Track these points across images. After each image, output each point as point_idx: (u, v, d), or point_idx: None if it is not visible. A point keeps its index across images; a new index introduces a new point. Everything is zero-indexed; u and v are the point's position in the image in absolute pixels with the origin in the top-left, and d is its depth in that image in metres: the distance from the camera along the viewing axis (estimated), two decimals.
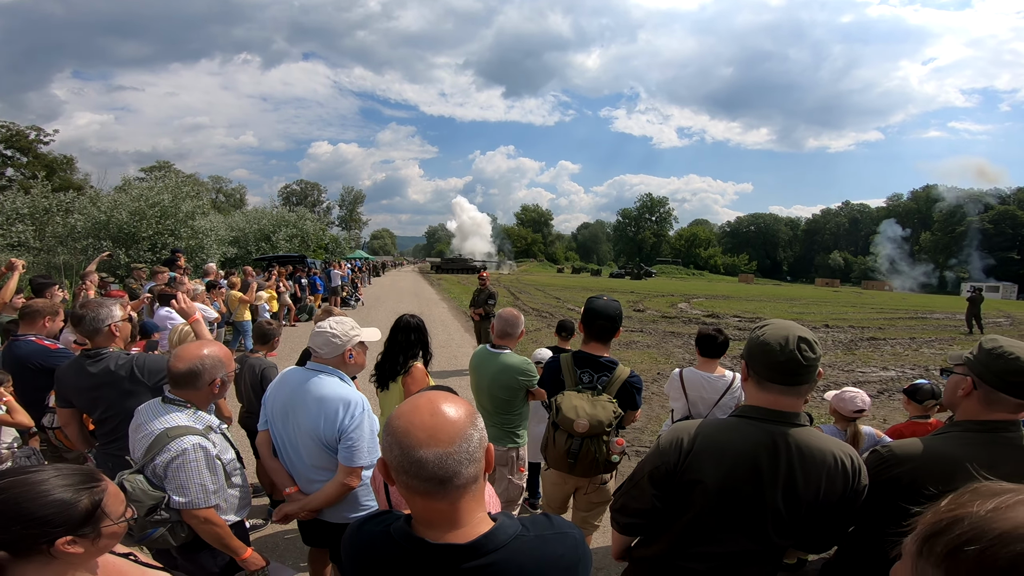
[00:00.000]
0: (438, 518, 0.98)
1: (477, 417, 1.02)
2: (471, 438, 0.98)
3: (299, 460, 2.31)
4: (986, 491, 0.71)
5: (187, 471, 1.92)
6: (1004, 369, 1.46)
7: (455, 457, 0.94)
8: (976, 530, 0.65)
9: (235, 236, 27.26)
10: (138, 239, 17.33)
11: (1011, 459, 1.45)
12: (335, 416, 2.18)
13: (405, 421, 0.97)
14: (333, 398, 2.21)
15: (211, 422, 2.11)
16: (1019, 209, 70.73)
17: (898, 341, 13.77)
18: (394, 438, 0.97)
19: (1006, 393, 1.48)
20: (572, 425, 2.46)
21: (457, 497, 0.97)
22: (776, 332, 1.52)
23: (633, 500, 1.68)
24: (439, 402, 1.00)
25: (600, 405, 2.53)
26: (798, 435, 1.50)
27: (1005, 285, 56.74)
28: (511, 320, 3.22)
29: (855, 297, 37.68)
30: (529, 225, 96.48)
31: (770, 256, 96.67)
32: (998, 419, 1.50)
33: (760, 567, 1.58)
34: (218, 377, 2.10)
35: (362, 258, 38.55)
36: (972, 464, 1.45)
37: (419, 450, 0.93)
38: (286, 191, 79.08)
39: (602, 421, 2.47)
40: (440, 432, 0.95)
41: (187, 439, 1.94)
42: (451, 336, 12.38)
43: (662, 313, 19.08)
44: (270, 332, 3.94)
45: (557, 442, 2.52)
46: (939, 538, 0.69)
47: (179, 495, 1.92)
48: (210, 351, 2.11)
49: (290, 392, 2.30)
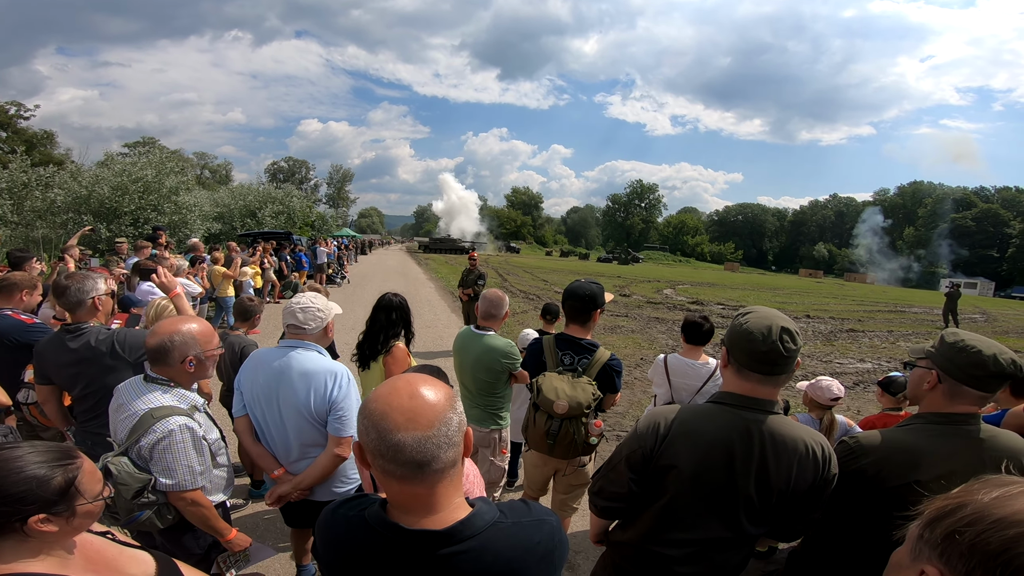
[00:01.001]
0: (415, 503, 0.97)
1: (456, 400, 1.01)
2: (450, 422, 0.96)
3: (284, 440, 2.30)
4: (995, 482, 0.73)
5: (174, 453, 1.88)
6: (967, 362, 1.49)
7: (434, 441, 0.93)
8: (975, 515, 0.67)
9: (220, 212, 26.84)
10: (120, 214, 17.06)
11: (968, 450, 1.50)
12: (324, 388, 2.19)
13: (383, 404, 0.95)
14: (320, 371, 2.22)
15: (195, 401, 2.08)
16: (1002, 208, 71.94)
17: (876, 334, 14.04)
18: (371, 421, 0.94)
19: (969, 386, 1.51)
20: (552, 406, 2.48)
21: (435, 482, 0.96)
22: (759, 321, 1.53)
23: (610, 484, 1.69)
24: (418, 385, 0.97)
25: (580, 387, 2.54)
26: (772, 423, 1.52)
27: (982, 282, 57.91)
28: (495, 301, 3.21)
29: (837, 289, 38.25)
30: (519, 208, 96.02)
31: (756, 246, 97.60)
32: (960, 412, 1.54)
33: (733, 554, 1.60)
34: (191, 355, 2.02)
35: (349, 236, 38.14)
36: (929, 456, 1.50)
37: (397, 433, 0.91)
38: (273, 168, 77.93)
39: (581, 403, 2.49)
40: (419, 415, 0.93)
41: (173, 420, 1.90)
42: (437, 316, 12.36)
43: (647, 299, 19.21)
44: (251, 309, 3.88)
45: (537, 423, 2.54)
46: (940, 522, 0.71)
47: (166, 477, 1.88)
48: (186, 327, 2.05)
49: (271, 372, 2.29)
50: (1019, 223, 67.23)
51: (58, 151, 42.12)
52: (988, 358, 1.46)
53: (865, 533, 1.62)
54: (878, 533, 1.60)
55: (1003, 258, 67.76)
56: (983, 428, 1.54)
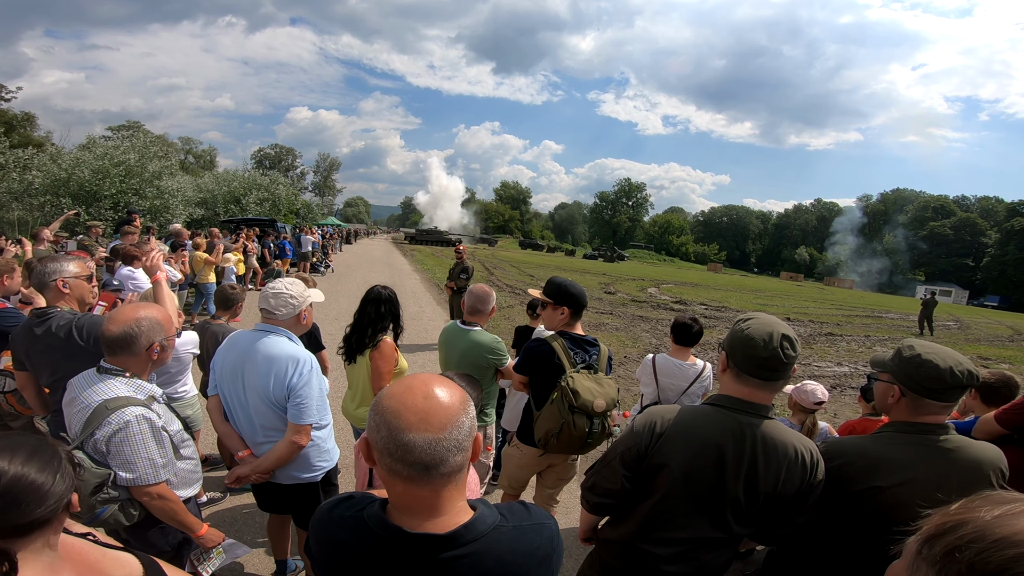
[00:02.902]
0: (418, 505, 0.95)
1: (470, 404, 0.99)
2: (462, 425, 0.94)
3: (248, 422, 2.31)
4: (997, 498, 0.71)
5: (132, 445, 1.79)
6: (925, 377, 1.52)
7: (444, 444, 0.91)
8: (976, 534, 0.66)
9: (203, 197, 26.50)
10: (100, 197, 16.81)
11: (929, 459, 1.54)
12: (284, 374, 2.19)
13: (397, 402, 0.93)
14: (282, 357, 2.22)
15: (153, 391, 1.99)
16: (979, 218, 73.65)
17: (853, 338, 14.29)
18: (383, 418, 0.92)
19: (930, 399, 1.55)
20: (592, 406, 2.47)
21: (441, 485, 0.94)
22: (761, 328, 1.55)
23: (604, 479, 1.71)
24: (434, 385, 0.96)
25: (606, 383, 2.59)
26: (766, 427, 1.55)
27: (956, 290, 59.32)
28: (482, 296, 3.17)
29: (817, 292, 38.93)
30: (508, 202, 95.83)
31: (739, 247, 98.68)
32: (926, 422, 1.58)
33: (719, 553, 1.62)
34: (156, 341, 1.95)
35: (334, 225, 37.78)
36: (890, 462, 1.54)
37: (408, 433, 0.90)
38: (260, 155, 76.59)
39: (613, 398, 2.56)
40: (432, 417, 0.91)
41: (129, 411, 1.81)
42: (422, 308, 12.27)
43: (632, 297, 19.34)
44: (233, 297, 3.80)
45: (578, 425, 2.47)
46: (939, 539, 0.70)
47: (125, 471, 1.80)
48: (147, 313, 1.97)
49: (239, 354, 2.29)
50: (995, 233, 68.87)
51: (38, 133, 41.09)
52: (945, 371, 1.50)
53: (830, 535, 1.66)
54: (843, 535, 1.65)
55: (978, 267, 69.42)
56: (952, 439, 1.57)
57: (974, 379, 1.51)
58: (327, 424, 2.49)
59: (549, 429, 2.53)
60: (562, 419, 2.49)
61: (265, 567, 3.03)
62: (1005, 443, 2.30)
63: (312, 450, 2.38)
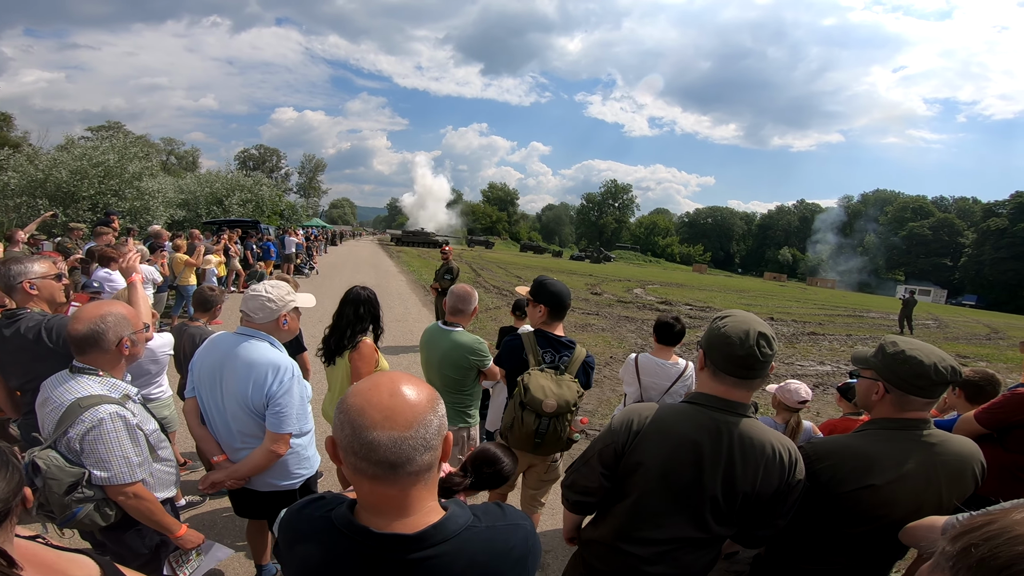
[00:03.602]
0: (386, 504, 0.94)
1: (439, 403, 0.97)
2: (430, 424, 0.92)
3: (226, 427, 2.25)
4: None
5: (106, 443, 1.76)
6: (910, 373, 1.52)
7: (410, 442, 0.89)
8: (997, 531, 0.65)
9: (184, 199, 26.08)
10: (78, 198, 16.50)
11: (917, 456, 1.54)
12: (264, 381, 2.13)
13: (362, 399, 0.91)
14: (263, 363, 2.16)
15: (128, 390, 1.97)
16: (957, 218, 75.28)
17: (836, 337, 14.49)
18: (347, 416, 0.91)
19: (915, 396, 1.55)
20: (541, 405, 2.47)
21: (408, 484, 0.92)
22: (737, 326, 1.54)
23: (583, 477, 1.70)
24: (400, 383, 0.94)
25: (565, 385, 2.57)
26: (743, 425, 1.53)
27: (935, 289, 60.48)
28: (463, 296, 3.15)
29: (800, 292, 39.45)
30: (495, 203, 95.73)
31: (724, 248, 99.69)
32: (911, 418, 1.58)
33: (702, 554, 1.61)
34: (125, 336, 1.92)
35: (319, 226, 37.45)
36: (881, 461, 1.53)
37: (372, 431, 0.88)
38: (243, 155, 75.62)
39: (568, 401, 2.52)
40: (398, 414, 0.90)
41: (103, 408, 1.78)
42: (408, 310, 12.23)
43: (618, 297, 19.41)
44: (211, 299, 3.73)
45: (525, 422, 2.51)
46: (964, 536, 0.69)
47: (100, 469, 1.76)
48: (111, 308, 1.94)
49: (219, 357, 2.23)
50: (972, 233, 70.38)
51: (15, 134, 40.21)
52: (929, 367, 1.50)
53: (821, 536, 1.65)
54: (833, 537, 1.64)
55: (956, 267, 70.88)
56: (934, 433, 1.58)
57: (957, 375, 1.52)
58: (309, 431, 2.43)
59: (505, 423, 2.60)
60: (513, 414, 2.54)
61: (245, 571, 2.98)
62: (982, 441, 2.33)
63: (291, 457, 2.32)
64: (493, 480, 1.82)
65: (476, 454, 1.86)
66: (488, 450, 1.88)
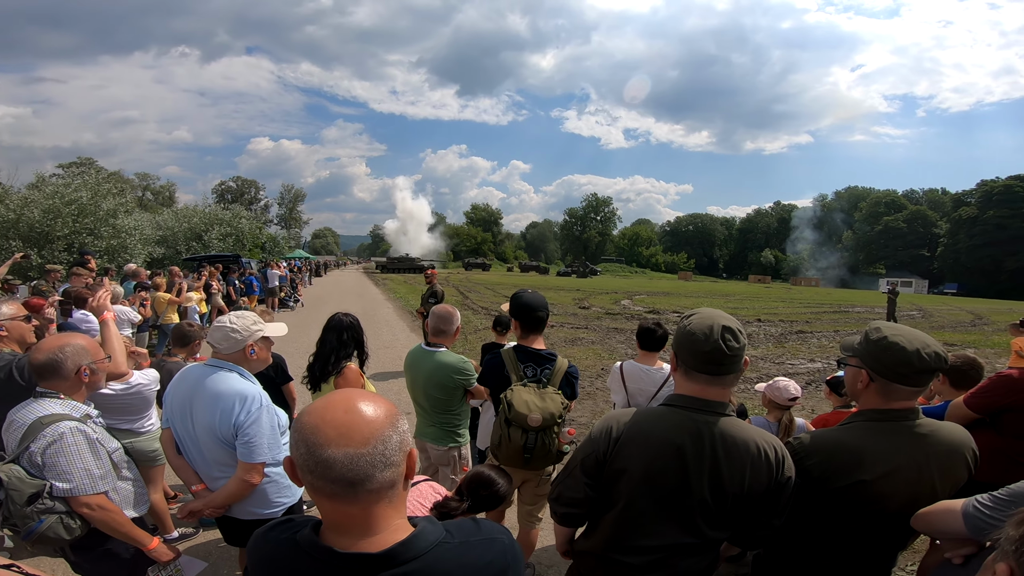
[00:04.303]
0: (349, 523, 0.91)
1: (399, 419, 0.95)
2: (388, 440, 0.90)
3: (200, 457, 2.25)
4: None
5: (67, 455, 1.83)
6: (894, 360, 1.50)
7: (367, 459, 0.87)
8: None
9: (163, 235, 25.84)
10: (52, 239, 16.16)
11: (907, 447, 1.52)
12: (230, 411, 2.13)
13: (316, 417, 0.89)
14: (229, 394, 2.16)
15: (89, 411, 2.06)
16: (929, 209, 77.14)
17: (823, 334, 14.65)
18: (300, 435, 0.89)
19: (899, 384, 1.52)
20: (526, 420, 2.46)
21: (370, 502, 0.90)
22: (701, 322, 1.52)
23: (568, 489, 1.67)
24: (356, 399, 0.92)
25: (548, 398, 2.55)
26: (724, 425, 1.51)
27: (917, 280, 61.64)
28: (444, 316, 3.14)
29: (785, 292, 39.92)
30: (479, 224, 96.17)
31: (707, 254, 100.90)
32: (898, 408, 1.55)
33: (696, 560, 1.57)
34: (84, 364, 2.03)
35: (302, 258, 37.24)
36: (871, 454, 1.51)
37: (327, 449, 0.86)
38: (221, 188, 75.42)
39: (553, 413, 2.50)
40: (353, 431, 0.87)
41: (63, 424, 1.87)
42: (396, 336, 12.14)
43: (606, 310, 19.48)
44: (189, 335, 3.70)
45: (512, 438, 2.49)
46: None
47: (62, 481, 1.82)
48: (70, 340, 2.06)
49: (188, 388, 2.24)
50: (945, 223, 72.06)
51: None
52: (912, 354, 1.47)
53: (817, 533, 1.62)
54: (829, 532, 1.61)
55: (934, 257, 72.38)
56: (924, 423, 1.55)
57: (942, 362, 1.48)
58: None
59: (493, 441, 2.60)
60: (499, 431, 2.53)
61: None
62: (975, 426, 2.32)
63: (271, 486, 2.30)
64: (490, 501, 1.78)
65: (471, 477, 1.82)
66: (483, 472, 1.84)
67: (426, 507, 1.71)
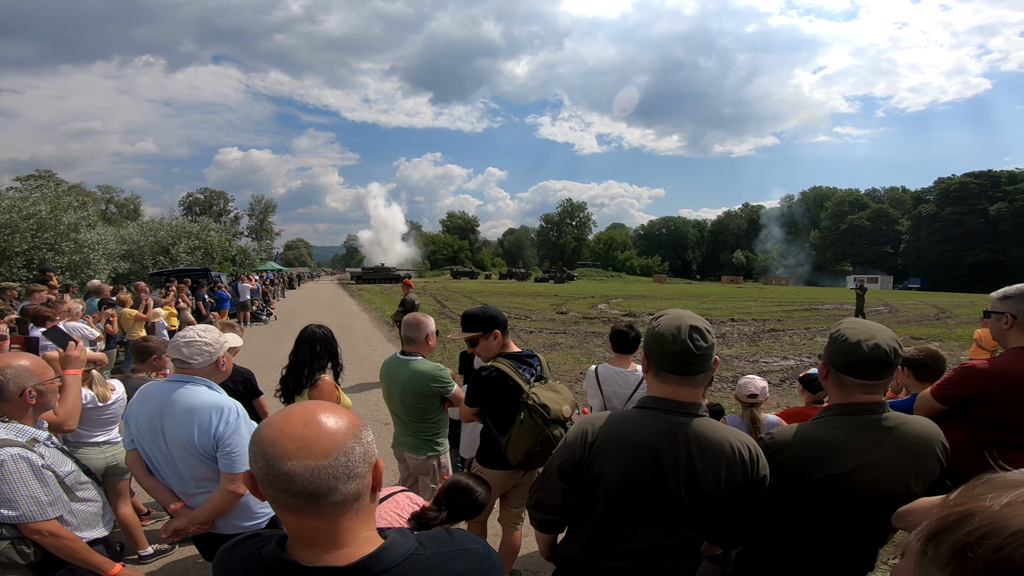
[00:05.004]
0: (314, 537, 0.89)
1: (363, 431, 0.93)
2: (351, 452, 0.88)
3: (176, 474, 2.20)
4: (1000, 483, 0.64)
5: (10, 483, 1.81)
6: (840, 352, 1.54)
7: (329, 471, 0.85)
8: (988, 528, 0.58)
9: (128, 249, 25.12)
10: (10, 255, 15.54)
11: (876, 441, 1.54)
12: (208, 424, 2.10)
13: (274, 430, 0.88)
14: (204, 407, 2.13)
15: (36, 435, 2.02)
16: (891, 207, 79.80)
17: (795, 332, 14.99)
18: (259, 448, 0.87)
19: (848, 375, 1.55)
20: (561, 413, 2.50)
21: (335, 515, 0.88)
22: (669, 323, 1.53)
23: (546, 495, 1.66)
24: (316, 411, 0.90)
25: (559, 388, 2.63)
26: (697, 425, 1.51)
27: (883, 276, 63.51)
28: (413, 324, 3.11)
29: (757, 292, 40.76)
30: (455, 232, 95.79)
31: (680, 257, 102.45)
32: (863, 401, 1.57)
33: (678, 562, 1.57)
34: (28, 386, 2.00)
35: (275, 270, 36.55)
36: (841, 448, 1.53)
37: (286, 462, 0.84)
38: (189, 200, 73.50)
39: (573, 400, 2.59)
40: (313, 444, 0.86)
41: (5, 450, 1.84)
42: (373, 347, 11.95)
43: (583, 314, 19.60)
44: (147, 349, 3.59)
45: (556, 436, 2.45)
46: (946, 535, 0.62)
47: (7, 508, 1.81)
48: (14, 361, 2.03)
49: (155, 406, 2.18)
50: (907, 220, 74.58)
51: None
52: (854, 345, 1.50)
53: (796, 528, 1.63)
54: (807, 527, 1.62)
55: (897, 253, 74.77)
56: (892, 416, 1.58)
57: (883, 354, 1.49)
58: None
59: (529, 448, 2.51)
60: (540, 435, 2.48)
61: None
62: (944, 418, 2.35)
63: (252, 497, 2.24)
64: (469, 510, 1.75)
65: (449, 486, 1.79)
66: (460, 481, 1.82)
67: (403, 518, 1.67)
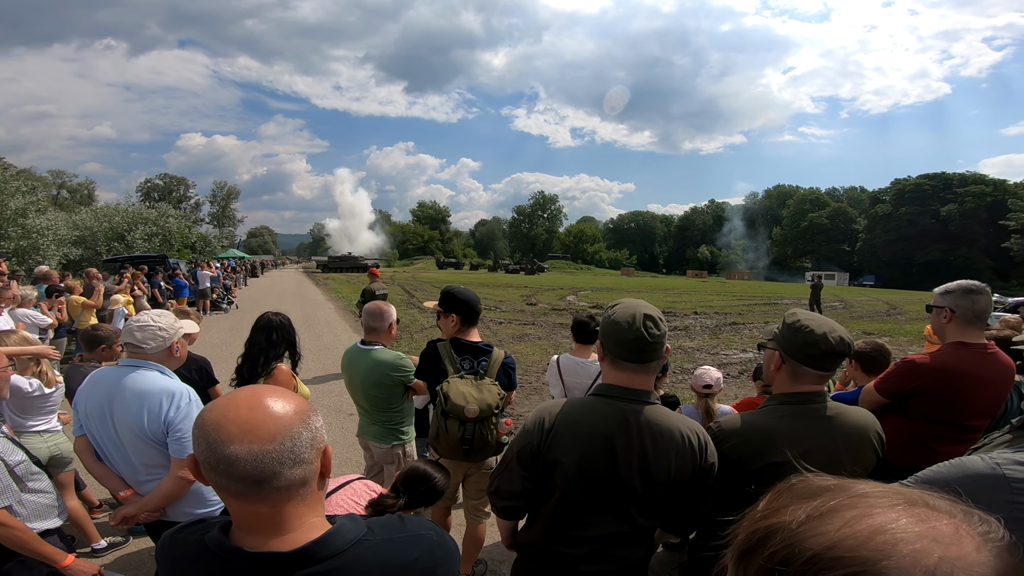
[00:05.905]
0: (258, 523, 0.88)
1: (312, 416, 0.92)
2: (298, 436, 0.87)
3: (126, 461, 2.16)
4: (802, 491, 0.62)
5: None
6: (802, 342, 1.60)
7: (274, 456, 0.84)
8: (786, 551, 0.54)
9: (80, 235, 24.00)
10: None
11: (816, 430, 1.60)
12: (159, 409, 2.06)
13: (218, 414, 0.86)
14: (155, 391, 2.09)
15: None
16: (849, 206, 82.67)
17: (755, 325, 15.38)
18: (201, 432, 0.85)
19: (806, 366, 1.62)
20: (463, 411, 2.45)
21: (280, 501, 0.87)
22: (624, 311, 1.57)
23: (505, 482, 1.68)
24: (263, 395, 0.89)
25: (486, 389, 2.56)
26: (649, 413, 1.55)
27: (839, 273, 65.79)
28: (374, 313, 3.10)
29: (720, 286, 41.70)
30: (426, 222, 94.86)
31: (648, 251, 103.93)
32: (805, 391, 1.64)
33: (632, 549, 1.60)
34: None
35: (236, 257, 35.57)
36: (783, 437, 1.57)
37: (229, 446, 0.83)
38: (147, 186, 70.64)
39: (490, 404, 2.51)
40: (258, 428, 0.84)
41: None
42: (338, 337, 11.77)
43: (552, 306, 19.72)
44: (95, 337, 3.46)
45: (450, 430, 2.48)
46: (751, 558, 0.59)
47: None
48: None
49: (104, 392, 2.13)
50: (864, 219, 77.39)
51: None
52: (819, 337, 1.56)
53: (741, 515, 1.69)
54: None
55: (854, 251, 77.55)
56: (831, 405, 1.64)
57: (846, 346, 1.57)
58: None
59: (431, 434, 2.58)
60: (437, 424, 2.53)
61: None
62: (887, 411, 2.45)
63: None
64: (428, 496, 1.76)
65: (406, 473, 1.79)
66: (418, 468, 1.82)
67: (360, 506, 1.67)
